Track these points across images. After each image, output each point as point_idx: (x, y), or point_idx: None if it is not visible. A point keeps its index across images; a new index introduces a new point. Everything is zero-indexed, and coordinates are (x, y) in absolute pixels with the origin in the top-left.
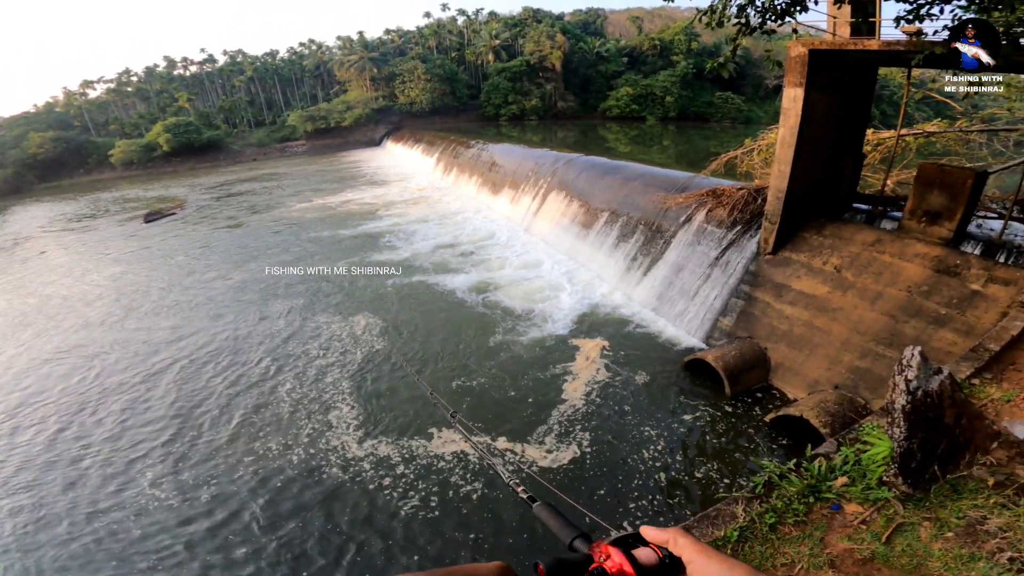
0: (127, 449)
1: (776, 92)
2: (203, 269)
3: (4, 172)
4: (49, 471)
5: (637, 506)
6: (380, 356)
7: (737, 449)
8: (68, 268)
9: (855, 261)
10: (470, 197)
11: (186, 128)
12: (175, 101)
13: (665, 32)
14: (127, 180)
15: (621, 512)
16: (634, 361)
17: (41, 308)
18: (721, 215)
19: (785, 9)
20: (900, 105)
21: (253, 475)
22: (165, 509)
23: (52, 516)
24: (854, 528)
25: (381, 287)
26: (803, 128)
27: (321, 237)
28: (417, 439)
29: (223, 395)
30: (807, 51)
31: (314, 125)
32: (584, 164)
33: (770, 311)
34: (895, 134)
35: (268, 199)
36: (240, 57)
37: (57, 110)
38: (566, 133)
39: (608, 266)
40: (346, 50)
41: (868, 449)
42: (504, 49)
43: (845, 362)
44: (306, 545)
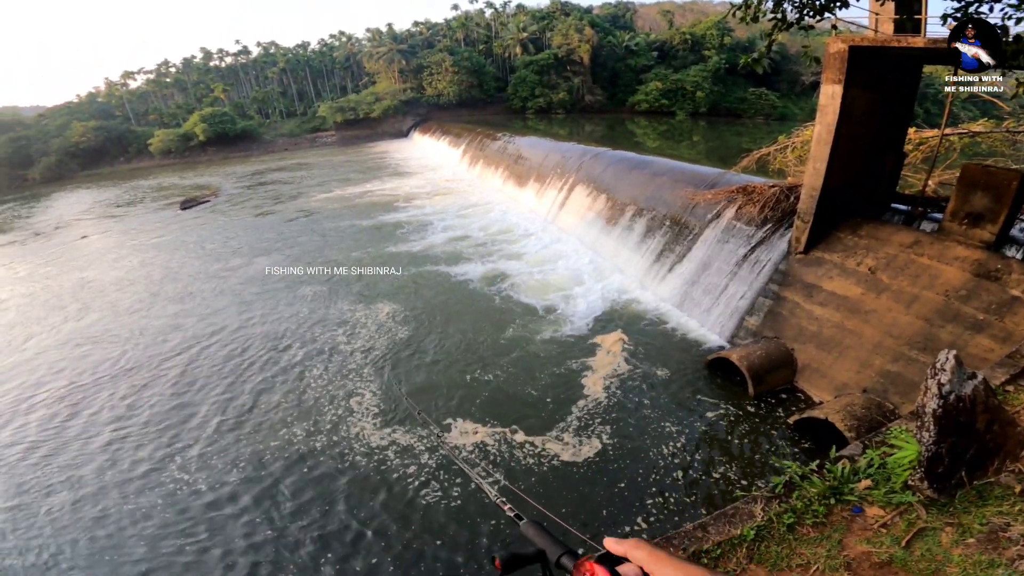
0: (154, 431)
1: (813, 88)
2: (231, 255)
3: (48, 160)
4: (78, 453)
5: (654, 503)
6: (392, 352)
7: (757, 450)
8: (105, 253)
9: (891, 263)
10: (495, 189)
11: (221, 118)
12: (211, 92)
13: (697, 26)
14: (165, 168)
15: (638, 507)
16: (656, 357)
17: (75, 292)
18: (751, 212)
19: (824, 5)
20: (945, 104)
21: (276, 457)
22: (193, 491)
23: (83, 497)
24: (874, 531)
25: (401, 276)
26: (840, 125)
27: (346, 226)
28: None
29: (245, 380)
30: (847, 48)
31: (343, 116)
32: (611, 158)
33: (799, 311)
34: (939, 133)
35: (297, 188)
36: (273, 49)
37: (99, 100)
38: (593, 127)
39: (633, 261)
40: (375, 42)
41: (895, 452)
42: (532, 42)
43: (875, 366)
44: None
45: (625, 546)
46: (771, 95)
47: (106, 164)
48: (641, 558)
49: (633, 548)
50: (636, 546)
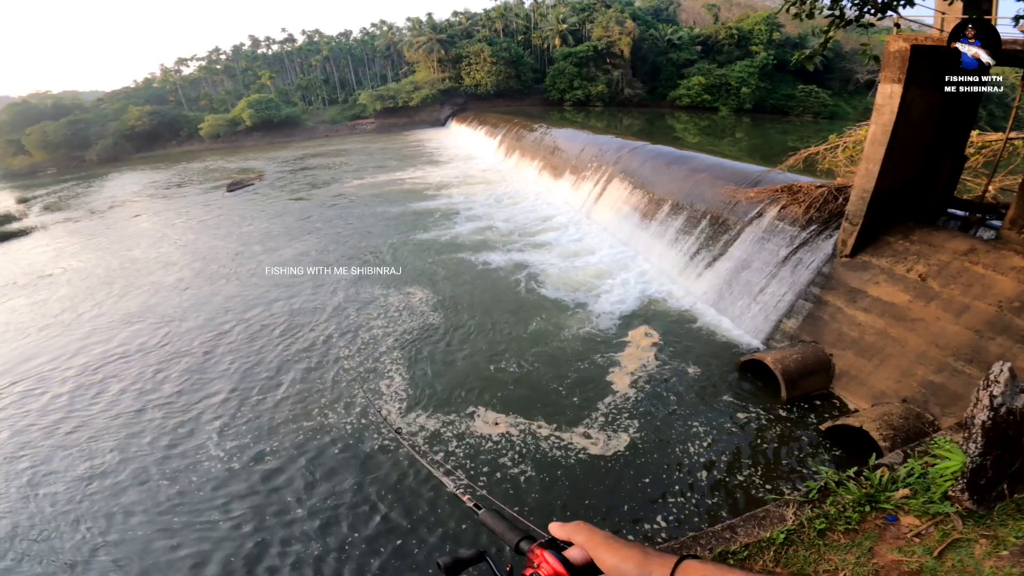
0: (192, 407)
1: (868, 87)
2: (270, 237)
3: (104, 142)
4: (119, 427)
5: (676, 501)
6: (418, 337)
7: (785, 455)
8: (153, 232)
9: (943, 270)
10: (530, 180)
11: (267, 104)
12: (258, 79)
13: (744, 21)
14: (213, 152)
15: (660, 503)
16: (687, 355)
17: (124, 269)
18: (795, 213)
19: (887, 3)
20: (1011, 107)
21: (305, 437)
22: (224, 466)
23: (113, 468)
24: (907, 540)
25: (432, 263)
26: (897, 126)
27: (381, 212)
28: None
29: (279, 359)
30: (909, 47)
31: (383, 104)
32: (650, 153)
33: (840, 316)
34: (1003, 137)
35: (336, 174)
36: (317, 37)
37: (154, 85)
38: (632, 120)
39: (668, 257)
40: (415, 31)
41: (938, 462)
42: (571, 33)
43: (918, 375)
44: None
45: (567, 530)
46: (822, 93)
47: (159, 147)
48: (581, 541)
49: (574, 532)
50: (577, 529)
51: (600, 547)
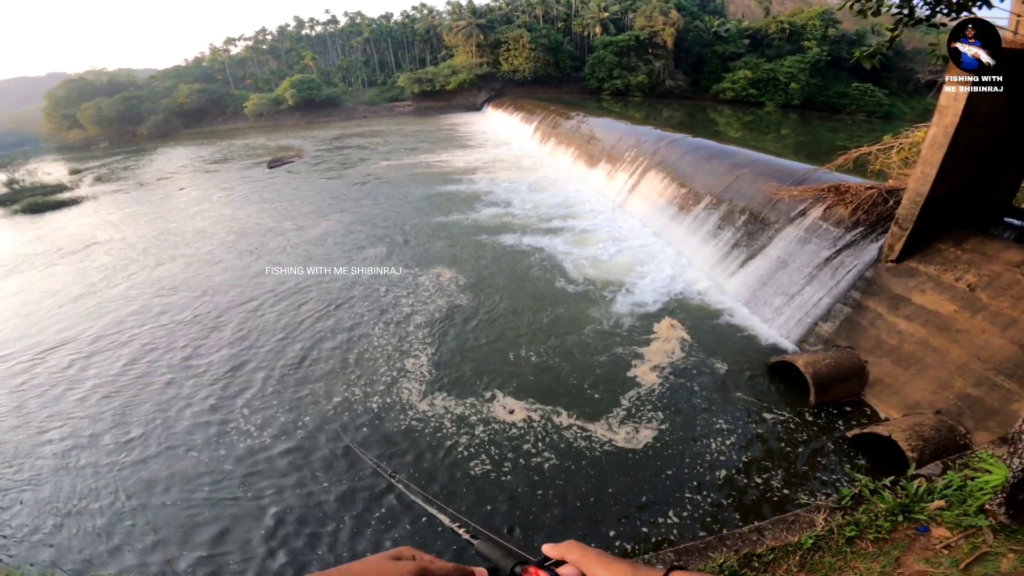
0: (218, 379)
1: (928, 88)
2: (306, 214)
3: (155, 118)
4: (151, 395)
5: (695, 499)
6: (441, 319)
7: (810, 461)
8: (196, 205)
9: (994, 281)
10: (565, 168)
11: (309, 84)
12: (301, 59)
13: (797, 16)
14: (256, 129)
15: (679, 500)
16: (715, 353)
17: (162, 239)
18: (841, 214)
19: (963, 2)
20: None
21: (330, 410)
22: (241, 432)
23: (147, 435)
24: (935, 552)
25: (461, 245)
26: (960, 129)
27: (415, 193)
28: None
29: (300, 332)
30: None
31: (421, 87)
32: (689, 146)
33: (880, 323)
34: None
35: (373, 154)
36: (359, 19)
37: (204, 64)
38: (671, 112)
39: (702, 252)
40: (455, 15)
41: (978, 475)
42: (612, 22)
43: (955, 387)
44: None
45: (560, 549)
46: (878, 92)
47: (206, 124)
48: (575, 558)
49: (567, 551)
50: (569, 548)
51: (593, 563)
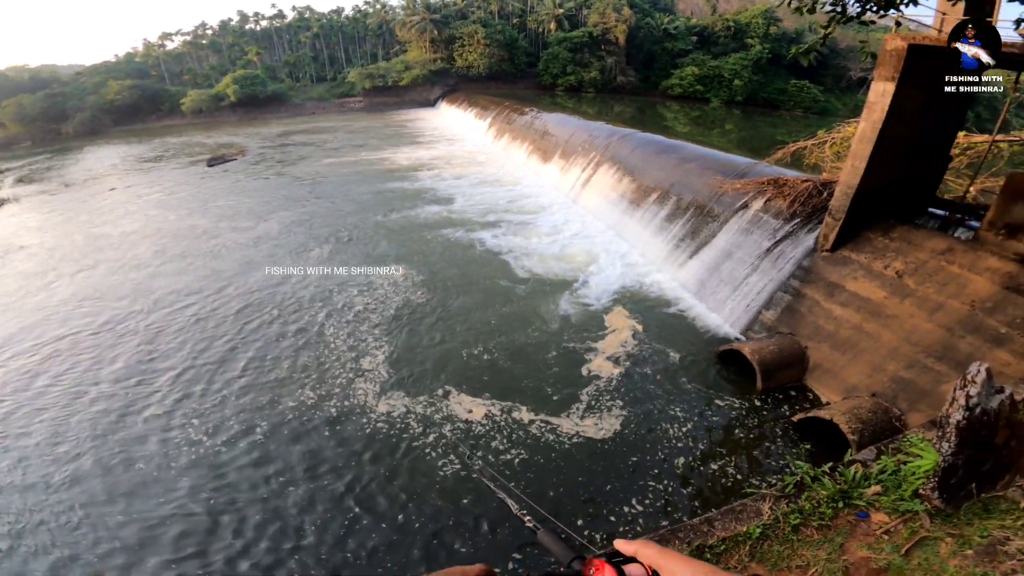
0: (137, 390)
1: (860, 84)
2: (247, 214)
3: (82, 115)
4: (80, 408)
5: (654, 488)
6: (391, 320)
7: (760, 446)
8: (126, 206)
9: (920, 268)
10: (519, 164)
11: (253, 80)
12: (245, 54)
13: (742, 14)
14: (195, 127)
15: (638, 491)
16: (667, 343)
17: (88, 244)
18: (780, 206)
19: (890, 1)
20: (999, 109)
21: (263, 414)
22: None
23: (81, 450)
24: (876, 537)
25: (412, 243)
26: (887, 124)
27: (365, 191)
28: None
29: (238, 338)
30: (906, 46)
31: (372, 83)
32: (639, 140)
33: (818, 310)
34: (989, 139)
35: (321, 151)
36: (308, 13)
37: (137, 60)
38: (623, 108)
39: (653, 245)
40: (409, 11)
41: (911, 460)
42: (567, 18)
43: (889, 371)
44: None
45: (635, 546)
46: (814, 88)
47: (139, 121)
48: (650, 555)
49: (641, 547)
50: (644, 545)
51: (672, 559)
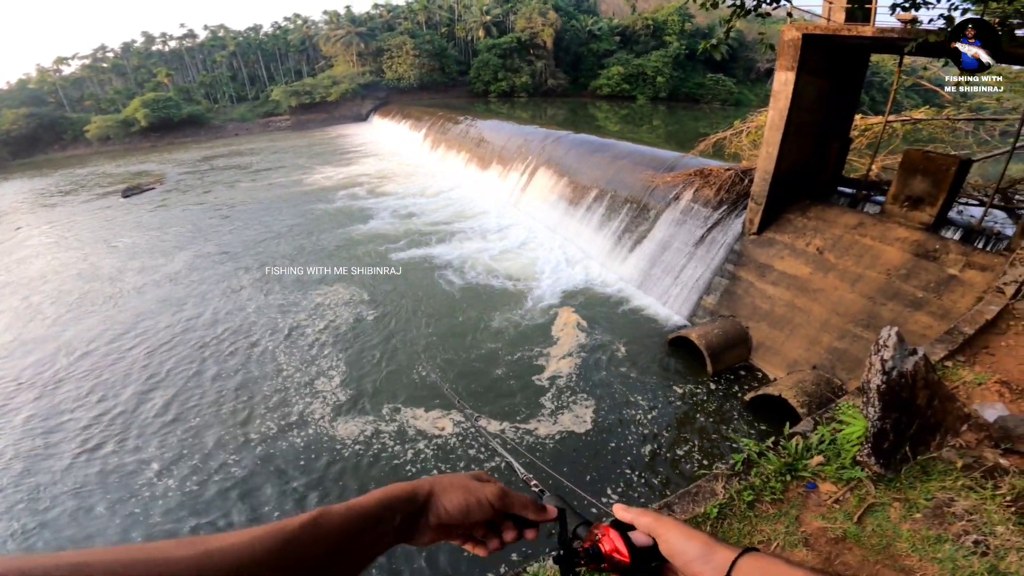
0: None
1: (767, 75)
2: (172, 246)
3: None
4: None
5: (617, 477)
6: (353, 336)
7: (717, 427)
8: (38, 246)
9: (837, 243)
10: (457, 173)
11: (165, 103)
12: (153, 76)
13: (659, 12)
14: (104, 155)
15: (603, 484)
16: (618, 337)
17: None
18: (708, 195)
19: None
20: (889, 92)
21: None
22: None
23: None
24: (827, 507)
25: (352, 261)
26: (792, 112)
27: (301, 211)
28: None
29: (170, 380)
30: (800, 36)
31: (299, 100)
32: (573, 141)
33: (753, 291)
34: (883, 120)
35: (247, 174)
36: (222, 32)
37: (30, 87)
38: (556, 110)
39: (595, 242)
40: (333, 25)
41: (843, 428)
42: (495, 25)
43: (824, 343)
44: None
45: (632, 513)
46: (728, 81)
47: (40, 152)
48: (647, 522)
49: (639, 515)
50: (642, 512)
51: (668, 527)
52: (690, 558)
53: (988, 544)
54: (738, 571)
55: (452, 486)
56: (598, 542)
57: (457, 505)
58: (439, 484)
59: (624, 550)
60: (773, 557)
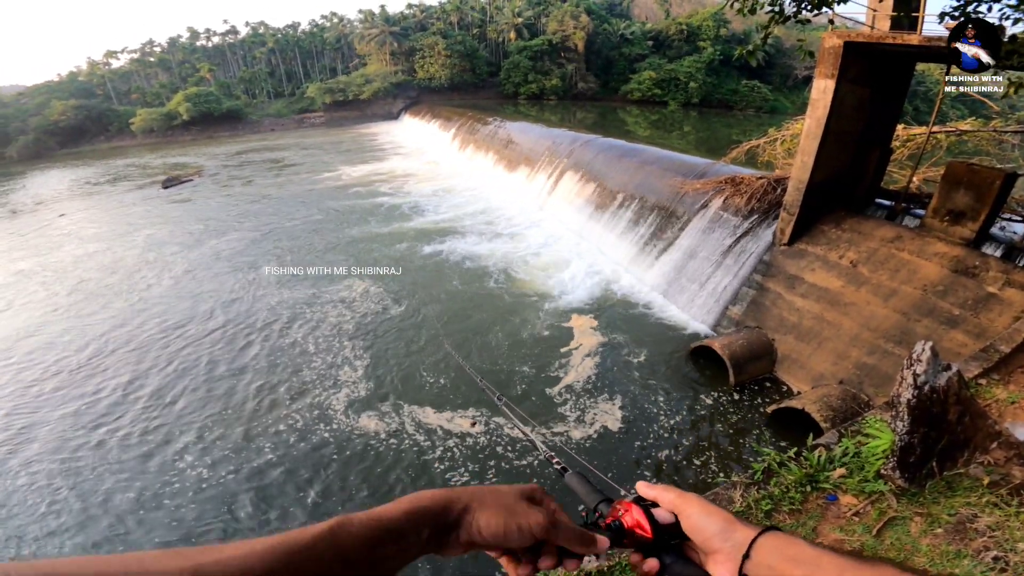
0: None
1: (805, 82)
2: (209, 235)
3: (25, 138)
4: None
5: (635, 481)
6: (361, 335)
7: (736, 438)
8: (80, 232)
9: (872, 256)
10: (485, 173)
11: (206, 98)
12: (196, 71)
13: (693, 17)
14: (146, 147)
15: (619, 485)
16: (640, 344)
17: (38, 276)
18: (738, 203)
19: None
20: (935, 102)
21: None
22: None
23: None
24: (847, 519)
25: (379, 258)
26: (830, 120)
27: (330, 206)
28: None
29: (214, 369)
30: (842, 43)
31: (332, 97)
32: (602, 145)
33: (781, 302)
34: (926, 130)
35: (282, 169)
36: (262, 29)
37: (80, 79)
38: (585, 114)
39: (620, 248)
40: (367, 24)
41: (869, 441)
42: (526, 27)
43: (852, 358)
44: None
45: (656, 490)
46: (763, 88)
47: (86, 143)
48: (670, 498)
49: (663, 491)
50: (666, 489)
51: (690, 503)
52: (710, 534)
53: (1008, 560)
54: (758, 549)
55: (494, 505)
56: (620, 517)
57: (494, 529)
58: (478, 499)
59: (647, 526)
60: (793, 536)
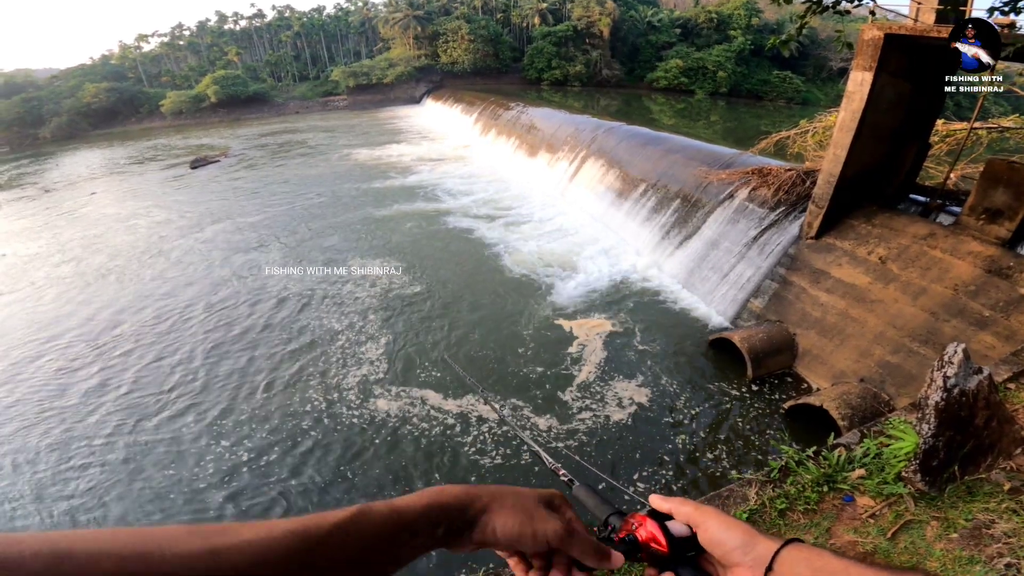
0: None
1: (840, 75)
2: (236, 213)
3: (59, 119)
4: (84, 429)
5: (648, 476)
6: (381, 317)
7: (752, 433)
8: (109, 211)
9: (903, 253)
10: (506, 158)
11: (233, 80)
12: (224, 55)
13: (724, 5)
14: (175, 129)
15: (630, 478)
16: (658, 333)
17: (70, 250)
18: (765, 195)
19: None
20: (977, 97)
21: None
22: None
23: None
24: (862, 521)
25: (400, 240)
26: (866, 113)
27: (352, 188)
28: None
29: (233, 342)
30: (883, 35)
31: (356, 81)
32: (625, 133)
33: (804, 297)
34: (967, 126)
35: (307, 151)
36: (288, 12)
37: (112, 62)
38: (609, 101)
39: (641, 236)
40: (391, 7)
41: (892, 443)
42: (551, 13)
43: (875, 356)
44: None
45: (671, 503)
46: (796, 79)
47: (118, 124)
48: (687, 511)
49: (679, 504)
50: (682, 502)
51: (709, 516)
52: (730, 548)
53: (1020, 568)
54: (781, 562)
55: (512, 507)
56: (634, 531)
57: (509, 532)
58: (498, 499)
59: (662, 539)
60: (817, 548)
